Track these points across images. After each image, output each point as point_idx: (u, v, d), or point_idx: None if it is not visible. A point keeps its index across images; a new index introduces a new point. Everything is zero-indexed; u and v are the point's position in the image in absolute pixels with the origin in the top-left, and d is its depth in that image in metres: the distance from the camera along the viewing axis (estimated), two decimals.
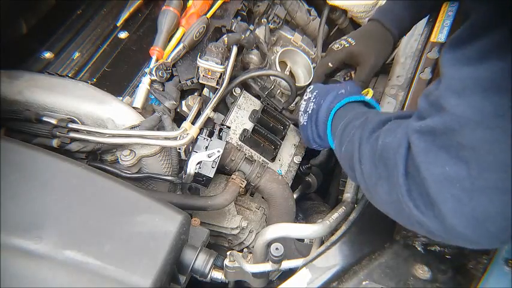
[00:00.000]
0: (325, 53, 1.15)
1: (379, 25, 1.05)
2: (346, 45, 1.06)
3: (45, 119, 0.96)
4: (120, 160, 0.98)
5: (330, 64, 1.08)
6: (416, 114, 0.61)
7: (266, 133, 1.13)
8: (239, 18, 1.20)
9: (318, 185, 1.29)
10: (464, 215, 0.51)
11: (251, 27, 1.22)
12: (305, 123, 0.99)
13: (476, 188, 0.50)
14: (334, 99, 0.93)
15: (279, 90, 1.24)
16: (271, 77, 1.21)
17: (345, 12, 1.43)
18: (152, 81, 1.02)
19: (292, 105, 1.23)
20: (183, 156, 1.05)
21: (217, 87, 1.06)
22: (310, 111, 0.97)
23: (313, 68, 1.34)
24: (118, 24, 1.15)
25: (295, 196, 1.18)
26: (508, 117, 0.47)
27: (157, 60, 1.04)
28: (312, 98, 0.98)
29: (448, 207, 0.52)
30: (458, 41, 0.52)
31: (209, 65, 1.01)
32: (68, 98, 0.97)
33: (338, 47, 1.07)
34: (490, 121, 0.48)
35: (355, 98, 0.90)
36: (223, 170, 1.07)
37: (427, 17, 1.15)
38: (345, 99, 0.90)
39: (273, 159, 1.17)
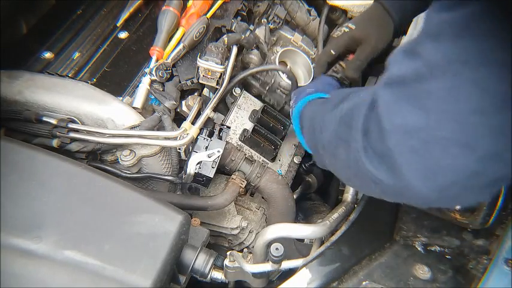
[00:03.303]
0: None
1: (380, 8, 1.05)
2: (346, 31, 1.07)
3: (45, 119, 0.96)
4: (120, 160, 0.98)
5: (332, 51, 1.08)
6: (385, 74, 0.60)
7: (266, 133, 1.13)
8: (239, 18, 1.20)
9: (318, 185, 1.29)
10: (418, 167, 0.51)
11: (251, 27, 1.22)
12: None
13: (432, 138, 0.50)
14: (298, 98, 0.96)
15: (278, 90, 1.24)
16: (270, 72, 1.20)
17: (344, 12, 1.43)
18: (152, 81, 1.02)
19: None
20: (183, 156, 1.05)
21: (217, 87, 1.06)
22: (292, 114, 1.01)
23: (313, 68, 1.34)
24: (118, 24, 1.15)
25: (295, 196, 1.18)
26: (472, 64, 0.46)
27: (157, 60, 1.04)
28: (293, 103, 1.02)
29: (404, 159, 0.52)
30: None
31: (209, 65, 1.01)
32: (68, 98, 0.97)
33: (338, 34, 1.08)
34: (455, 67, 0.47)
35: (313, 96, 0.93)
36: (223, 170, 1.07)
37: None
38: (306, 98, 0.93)
39: (273, 159, 1.17)
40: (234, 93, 1.17)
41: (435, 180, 0.51)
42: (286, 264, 0.82)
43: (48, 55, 1.08)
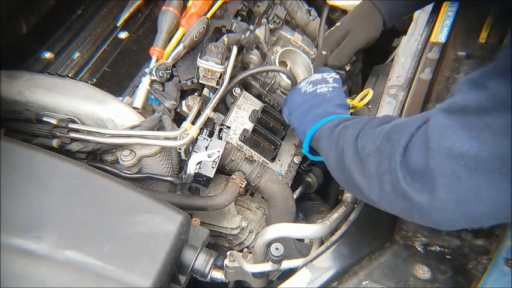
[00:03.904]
0: None
1: (369, 3, 1.07)
2: (332, 29, 1.10)
3: (45, 119, 0.96)
4: (120, 160, 0.98)
5: (323, 52, 1.10)
6: (445, 101, 0.61)
7: (266, 133, 1.13)
8: (239, 18, 1.20)
9: (318, 185, 1.29)
10: (457, 191, 0.52)
11: (251, 27, 1.22)
12: (308, 91, 0.97)
13: (480, 168, 0.50)
14: (341, 106, 0.93)
15: (278, 90, 1.24)
16: (270, 73, 1.21)
17: (344, 12, 1.43)
18: (152, 82, 1.02)
19: None
20: (183, 157, 1.05)
21: (217, 87, 1.06)
22: (318, 92, 0.95)
23: (313, 68, 1.34)
24: (118, 25, 1.15)
25: (295, 196, 1.18)
26: None
27: (157, 61, 1.04)
28: (330, 85, 0.96)
29: (444, 181, 0.53)
30: None
31: (209, 65, 1.01)
32: (68, 98, 0.97)
33: (326, 34, 1.12)
34: None
35: (340, 116, 0.90)
36: (223, 170, 1.07)
37: (427, 17, 1.15)
38: (331, 117, 0.89)
39: (273, 159, 1.17)
40: (234, 93, 1.17)
41: (470, 208, 0.52)
42: (286, 264, 0.82)
43: (48, 55, 1.08)
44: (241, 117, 1.16)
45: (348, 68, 1.17)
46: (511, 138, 0.49)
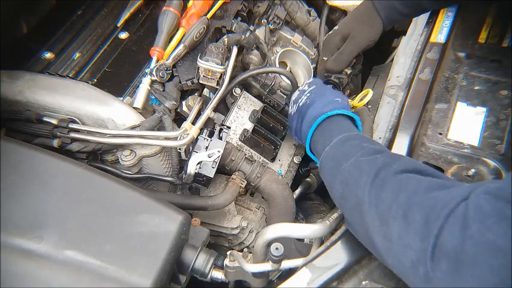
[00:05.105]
0: None
1: (369, 4, 1.06)
2: (331, 33, 1.10)
3: (45, 119, 0.96)
4: (120, 160, 0.98)
5: (324, 58, 1.09)
6: (494, 182, 0.58)
7: (266, 133, 1.13)
8: (239, 18, 1.20)
9: (318, 185, 1.29)
10: (486, 283, 0.51)
11: (251, 27, 1.22)
12: (293, 113, 0.99)
13: None
14: (328, 104, 0.91)
15: (279, 90, 1.24)
16: (271, 74, 1.21)
17: (344, 12, 1.44)
18: (152, 82, 1.02)
19: None
20: (183, 157, 1.06)
21: (217, 87, 1.06)
22: (300, 104, 0.96)
23: (313, 68, 1.35)
24: (118, 25, 1.15)
25: (295, 196, 1.18)
26: None
27: (157, 61, 1.04)
28: (307, 92, 0.97)
29: (476, 271, 0.51)
30: None
31: (209, 66, 1.01)
32: (69, 98, 0.97)
33: (325, 38, 1.11)
34: None
35: (347, 113, 0.90)
36: (224, 170, 1.07)
37: (427, 17, 1.15)
38: (337, 111, 0.89)
39: (273, 159, 1.17)
40: (234, 93, 1.17)
41: None
42: (286, 264, 0.82)
43: (48, 55, 1.08)
44: (241, 117, 1.16)
45: (349, 71, 1.17)
46: None
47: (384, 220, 0.65)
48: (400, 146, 0.91)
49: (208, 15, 1.15)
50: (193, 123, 1.00)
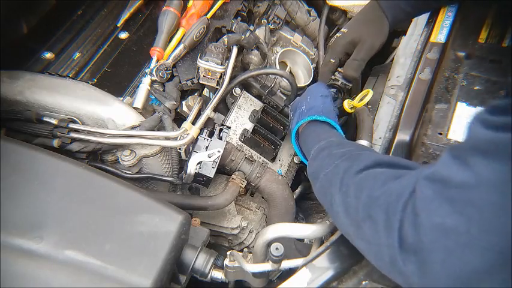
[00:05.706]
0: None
1: (375, 6, 1.06)
2: (339, 36, 1.09)
3: (45, 119, 0.96)
4: (120, 160, 0.98)
5: (331, 60, 1.08)
6: (430, 167, 0.60)
7: (266, 133, 1.13)
8: (239, 18, 1.20)
9: None
10: (451, 267, 0.52)
11: (251, 27, 1.22)
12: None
13: (472, 244, 0.50)
14: (306, 112, 0.97)
15: (279, 90, 1.24)
16: (271, 75, 1.21)
17: (344, 12, 1.44)
18: (152, 82, 1.02)
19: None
20: (183, 157, 1.06)
21: (217, 87, 1.06)
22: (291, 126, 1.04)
23: (313, 68, 1.35)
24: (118, 25, 1.15)
25: (295, 196, 1.18)
26: None
27: (157, 61, 1.04)
28: (291, 116, 1.05)
29: (436, 257, 0.53)
30: (497, 109, 0.51)
31: (209, 66, 1.01)
32: (69, 98, 0.97)
33: (333, 41, 1.10)
34: (505, 187, 0.48)
35: (319, 118, 0.93)
36: (224, 170, 1.07)
37: (427, 17, 1.15)
38: (310, 117, 0.94)
39: (273, 159, 1.17)
40: (234, 93, 1.17)
41: (466, 284, 0.51)
42: (286, 264, 0.82)
43: (48, 55, 1.08)
44: (241, 117, 1.16)
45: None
46: (497, 217, 0.48)
47: (357, 225, 0.67)
48: (400, 146, 0.91)
49: (208, 15, 1.15)
50: (193, 123, 1.00)
